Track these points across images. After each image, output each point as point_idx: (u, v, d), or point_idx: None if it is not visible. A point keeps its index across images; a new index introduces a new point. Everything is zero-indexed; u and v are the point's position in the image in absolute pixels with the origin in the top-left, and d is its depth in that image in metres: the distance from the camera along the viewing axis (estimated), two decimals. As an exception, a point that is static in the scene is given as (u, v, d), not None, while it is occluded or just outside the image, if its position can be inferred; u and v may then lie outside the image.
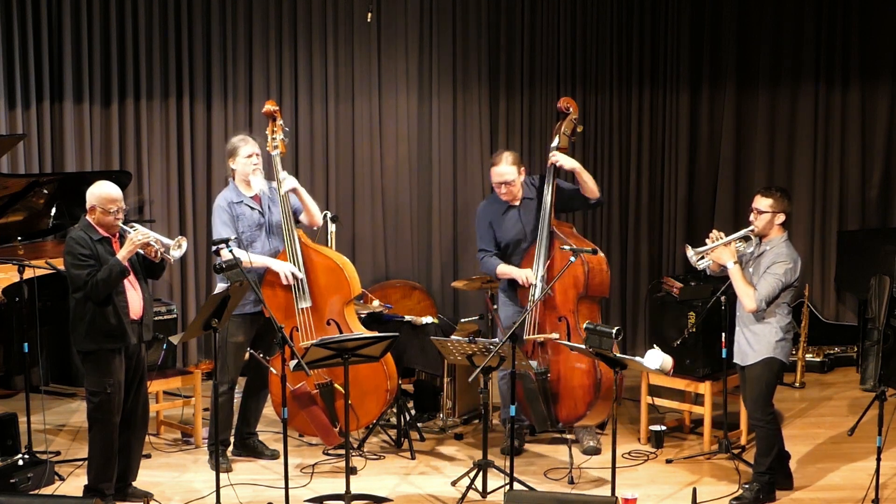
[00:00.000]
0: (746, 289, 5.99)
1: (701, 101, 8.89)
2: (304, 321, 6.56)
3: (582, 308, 6.64)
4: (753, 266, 6.09)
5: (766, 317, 6.01)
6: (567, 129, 6.85)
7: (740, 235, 6.13)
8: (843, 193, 8.90)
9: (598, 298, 6.76)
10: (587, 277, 6.59)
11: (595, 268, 6.63)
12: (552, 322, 6.68)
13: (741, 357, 6.14)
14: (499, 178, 6.73)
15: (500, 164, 6.72)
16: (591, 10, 8.74)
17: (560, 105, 6.93)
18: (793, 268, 6.00)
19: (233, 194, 6.60)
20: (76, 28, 8.10)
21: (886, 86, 8.79)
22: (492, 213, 6.86)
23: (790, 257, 6.01)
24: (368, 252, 8.74)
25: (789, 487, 6.26)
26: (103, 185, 5.88)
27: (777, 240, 6.07)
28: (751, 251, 6.14)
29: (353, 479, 6.09)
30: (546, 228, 6.69)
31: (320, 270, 6.61)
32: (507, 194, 6.76)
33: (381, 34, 8.60)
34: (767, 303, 5.96)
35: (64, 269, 5.88)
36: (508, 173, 6.70)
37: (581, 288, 6.62)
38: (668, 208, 8.97)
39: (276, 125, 6.66)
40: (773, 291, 5.96)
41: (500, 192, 6.77)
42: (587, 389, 6.54)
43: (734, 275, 6.03)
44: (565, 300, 6.65)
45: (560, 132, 6.85)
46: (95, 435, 5.92)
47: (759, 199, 6.09)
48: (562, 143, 6.82)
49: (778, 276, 5.96)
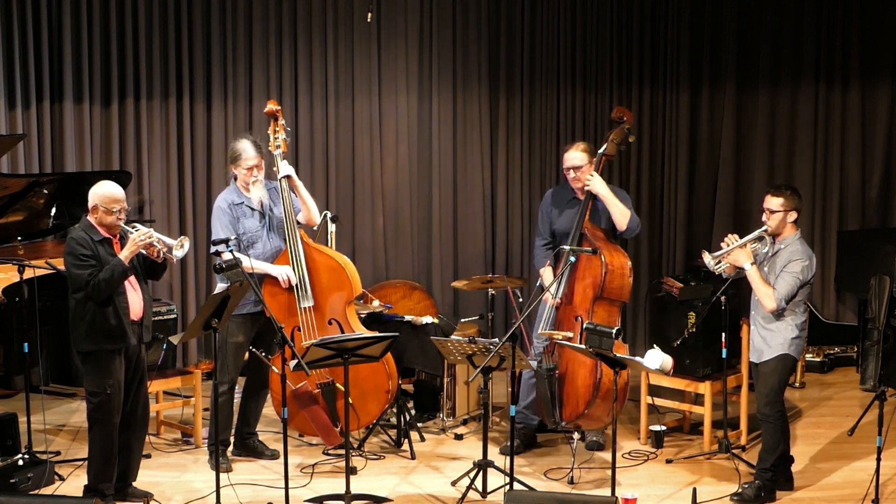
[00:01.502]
0: (766, 289, 6.02)
1: (701, 101, 8.89)
2: (307, 320, 6.56)
3: (599, 310, 6.65)
4: (769, 265, 6.12)
5: (784, 315, 6.06)
6: (617, 138, 6.94)
7: (755, 236, 6.16)
8: (843, 193, 8.90)
9: (618, 302, 6.75)
10: (604, 279, 6.61)
11: (615, 271, 6.64)
12: (569, 320, 6.70)
13: (757, 355, 6.18)
14: (567, 163, 6.87)
15: (571, 150, 6.89)
16: (591, 10, 8.75)
17: (613, 115, 7.07)
18: (809, 265, 6.04)
19: (234, 195, 6.59)
20: (76, 28, 8.10)
21: (886, 86, 8.80)
22: (556, 199, 7.00)
23: (806, 254, 6.05)
24: (368, 252, 8.74)
25: (790, 489, 6.26)
26: (106, 184, 5.87)
27: (791, 238, 6.10)
28: (765, 251, 6.16)
29: (353, 479, 6.09)
30: (577, 230, 6.74)
31: (322, 270, 6.61)
32: (576, 180, 6.85)
33: (381, 34, 8.60)
34: (787, 301, 6.01)
35: (64, 269, 5.87)
36: (577, 158, 6.83)
37: (597, 289, 6.63)
38: (668, 208, 8.97)
39: (279, 125, 6.66)
40: (791, 290, 6.00)
41: (570, 177, 6.89)
42: (588, 388, 6.55)
43: (752, 276, 6.05)
44: (583, 299, 6.67)
45: (609, 139, 6.93)
46: (95, 435, 5.91)
47: (769, 199, 6.11)
48: (609, 150, 6.94)
49: (795, 273, 6.00)
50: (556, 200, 6.99)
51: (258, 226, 6.59)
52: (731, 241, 6.16)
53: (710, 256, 6.16)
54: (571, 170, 6.85)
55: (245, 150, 6.54)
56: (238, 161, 6.55)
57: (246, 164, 6.54)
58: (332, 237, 7.46)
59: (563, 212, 6.92)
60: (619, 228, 6.83)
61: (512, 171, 8.87)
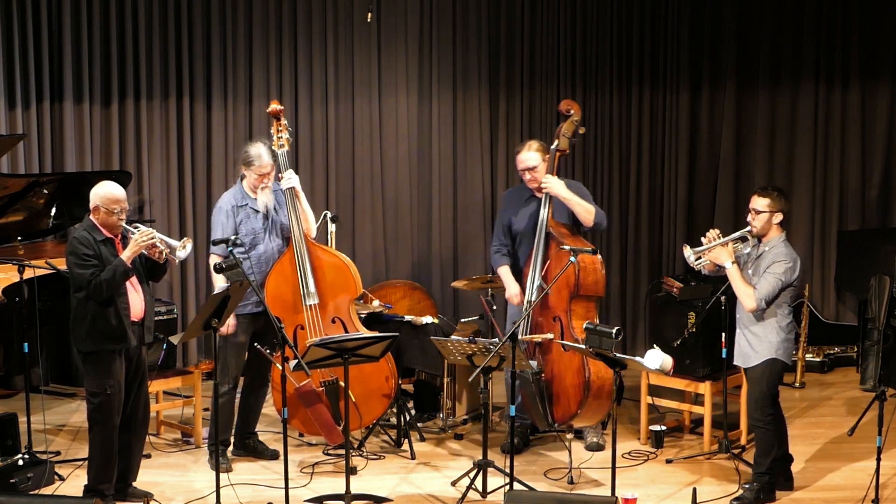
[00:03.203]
0: (746, 288, 6.00)
1: (701, 101, 8.89)
2: (312, 318, 6.57)
3: (576, 308, 6.64)
4: (753, 267, 6.09)
5: (767, 317, 6.01)
6: (568, 132, 6.84)
7: (738, 236, 6.14)
8: (843, 193, 8.90)
9: (594, 298, 6.74)
10: (578, 277, 6.58)
11: (588, 267, 6.61)
12: (548, 322, 6.68)
13: (743, 359, 6.14)
14: (521, 165, 6.83)
15: (524, 150, 6.84)
16: (591, 10, 8.75)
17: (561, 108, 6.94)
18: (792, 267, 6.00)
19: (239, 196, 6.59)
20: (76, 28, 8.10)
21: (886, 86, 8.80)
22: (514, 198, 6.96)
23: (790, 257, 6.02)
24: (368, 252, 8.74)
25: (790, 489, 6.26)
26: (107, 185, 5.87)
27: (776, 240, 6.07)
28: (747, 252, 6.15)
29: (353, 478, 6.09)
30: (543, 230, 6.70)
31: (327, 268, 6.63)
32: (532, 181, 6.82)
33: (381, 34, 8.60)
34: (767, 302, 5.97)
35: (66, 268, 5.87)
36: (531, 159, 6.79)
37: (572, 288, 6.61)
38: (668, 208, 8.97)
39: (281, 124, 6.68)
40: (772, 291, 5.96)
41: (525, 178, 6.85)
42: (578, 388, 6.54)
43: (732, 275, 6.04)
44: (559, 300, 6.65)
45: (560, 134, 6.84)
46: (95, 436, 5.92)
47: (755, 200, 6.10)
48: (562, 146, 6.82)
49: (777, 275, 5.96)
50: (513, 201, 6.95)
51: (261, 227, 6.60)
52: (713, 238, 6.14)
53: (691, 251, 6.14)
54: (526, 171, 6.80)
55: (260, 156, 6.51)
56: (251, 165, 6.53)
57: (259, 170, 6.52)
58: (332, 237, 7.46)
59: (520, 211, 6.87)
60: (587, 225, 6.79)
61: (512, 172, 8.85)
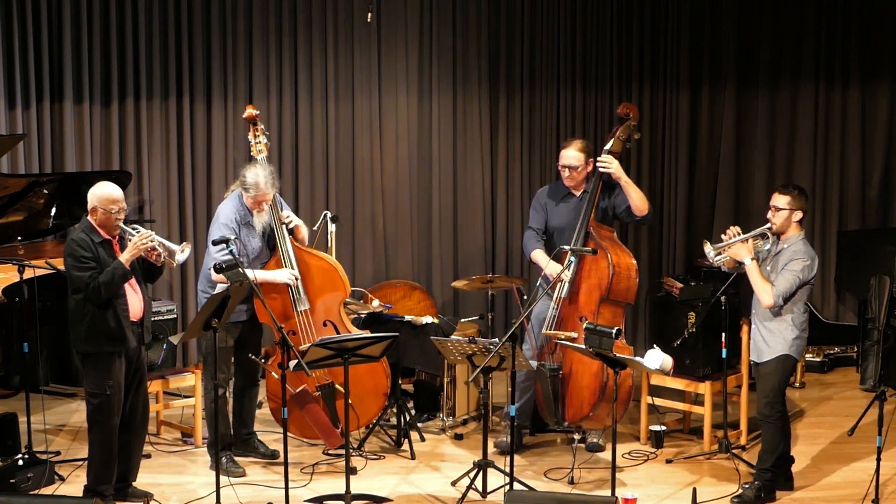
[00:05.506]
0: (764, 284, 6.03)
1: (701, 101, 8.89)
2: (303, 323, 6.56)
3: (604, 311, 6.65)
4: (771, 264, 6.13)
5: (783, 314, 6.06)
6: (623, 135, 6.88)
7: (758, 233, 6.18)
8: (843, 193, 8.91)
9: (623, 304, 6.75)
10: (611, 281, 6.60)
11: (622, 272, 6.63)
12: (574, 320, 6.69)
13: (757, 354, 6.19)
14: (563, 161, 6.84)
15: (568, 148, 6.86)
16: (591, 10, 8.75)
17: (619, 111, 6.99)
18: (810, 265, 6.05)
19: (242, 212, 6.55)
20: (76, 28, 8.09)
21: (886, 86, 8.80)
22: (550, 196, 6.96)
23: (808, 254, 6.06)
24: (368, 252, 8.74)
25: (790, 489, 6.27)
26: (105, 185, 5.87)
27: (794, 237, 6.10)
28: (767, 248, 6.18)
29: (353, 479, 6.09)
30: (583, 228, 6.72)
31: (315, 272, 6.62)
32: (570, 179, 6.83)
33: (381, 34, 8.60)
34: (785, 299, 6.02)
35: (64, 270, 5.87)
36: (572, 158, 6.80)
37: (604, 290, 6.62)
38: (668, 208, 8.97)
39: (258, 129, 6.71)
40: (790, 288, 6.01)
41: (564, 175, 6.86)
42: (593, 391, 6.55)
43: (751, 271, 6.07)
44: (588, 300, 6.67)
45: (615, 136, 6.86)
46: (95, 436, 5.92)
47: (777, 197, 6.12)
48: (615, 148, 6.84)
49: (795, 272, 6.01)
50: (551, 195, 6.96)
51: (260, 245, 6.61)
52: (733, 234, 6.18)
53: (712, 247, 6.19)
54: (567, 168, 6.82)
55: (258, 185, 6.43)
56: (248, 192, 6.49)
57: (256, 198, 6.48)
58: (332, 237, 7.46)
59: (560, 207, 6.89)
60: (640, 213, 6.77)
61: (512, 171, 8.87)
